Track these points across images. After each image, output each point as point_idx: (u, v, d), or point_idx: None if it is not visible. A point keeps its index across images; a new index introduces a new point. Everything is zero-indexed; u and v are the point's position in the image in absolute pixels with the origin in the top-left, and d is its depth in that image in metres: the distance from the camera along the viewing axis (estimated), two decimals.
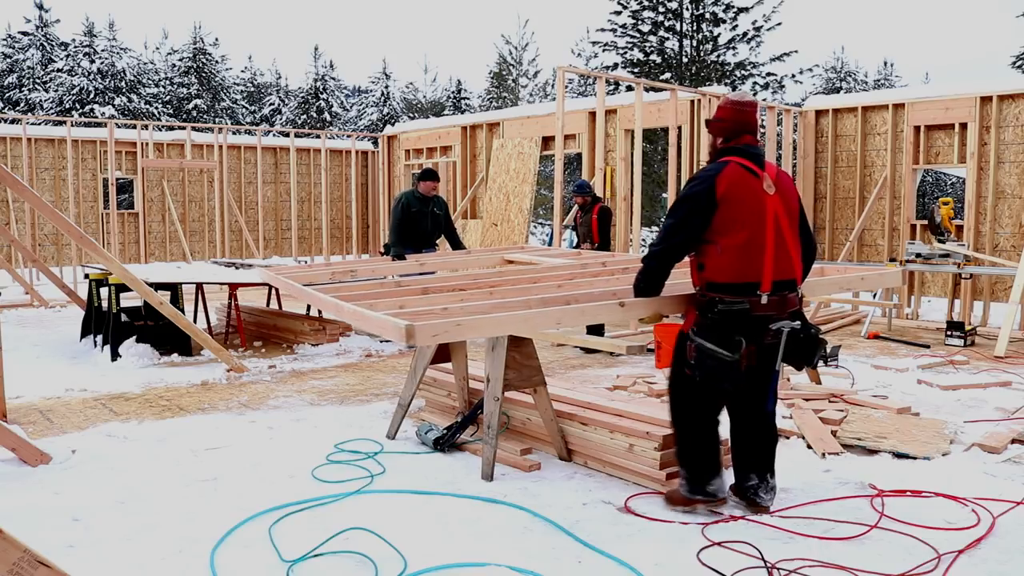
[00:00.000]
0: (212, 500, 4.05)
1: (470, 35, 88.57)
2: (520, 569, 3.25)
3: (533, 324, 3.85)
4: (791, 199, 3.71)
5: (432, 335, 3.48)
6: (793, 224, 3.68)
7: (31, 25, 36.74)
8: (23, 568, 2.32)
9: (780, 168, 3.77)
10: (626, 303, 3.89)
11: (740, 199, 3.55)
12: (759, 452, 3.81)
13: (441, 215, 8.47)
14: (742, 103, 3.75)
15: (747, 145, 3.68)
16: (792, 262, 3.64)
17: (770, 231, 3.57)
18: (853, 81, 46.21)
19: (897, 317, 10.18)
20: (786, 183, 3.71)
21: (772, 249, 3.57)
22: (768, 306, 3.56)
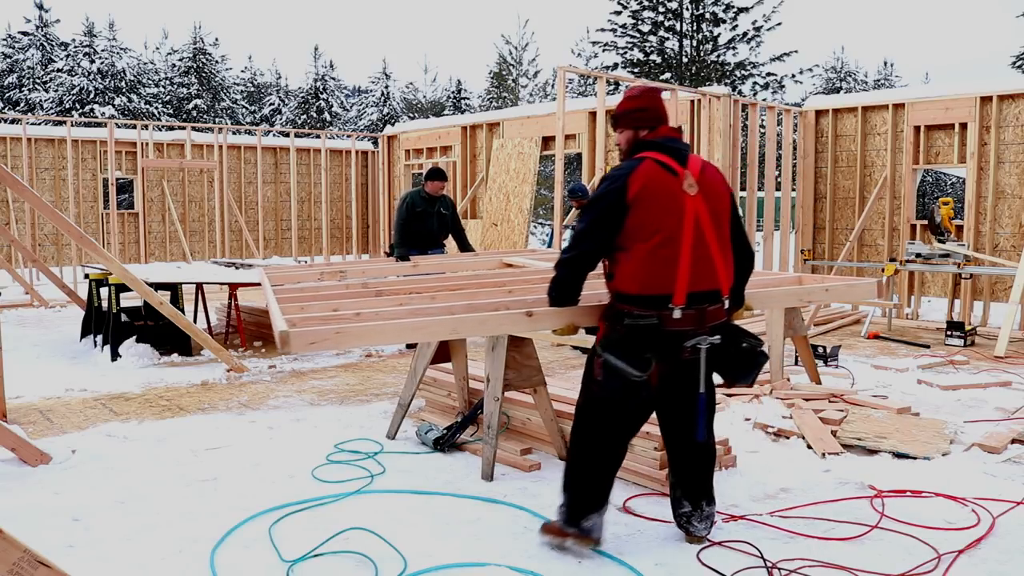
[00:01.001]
0: (212, 500, 4.05)
1: (470, 35, 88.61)
2: (520, 569, 3.25)
3: (423, 333, 3.62)
4: (718, 199, 3.27)
5: (309, 342, 3.27)
6: (720, 228, 3.25)
7: (31, 25, 36.76)
8: (23, 568, 2.33)
9: (708, 163, 3.36)
10: (535, 313, 3.55)
11: (654, 200, 3.15)
12: (691, 479, 3.48)
13: (448, 215, 8.38)
14: (655, 89, 3.41)
15: (667, 138, 3.29)
16: (715, 271, 3.23)
17: (687, 236, 3.16)
18: (853, 81, 46.23)
19: (897, 317, 10.18)
20: (713, 181, 3.28)
21: (689, 257, 3.16)
22: (682, 321, 3.16)
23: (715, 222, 3.24)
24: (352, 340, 3.39)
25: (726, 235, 3.30)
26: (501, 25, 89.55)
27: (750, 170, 10.83)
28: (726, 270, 3.30)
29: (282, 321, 3.52)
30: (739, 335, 3.35)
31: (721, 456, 4.39)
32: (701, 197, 3.20)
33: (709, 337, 3.22)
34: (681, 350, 3.21)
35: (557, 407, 4.65)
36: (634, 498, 4.01)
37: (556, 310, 3.52)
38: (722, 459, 4.40)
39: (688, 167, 3.23)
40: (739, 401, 5.76)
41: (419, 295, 4.63)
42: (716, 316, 3.26)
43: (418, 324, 3.56)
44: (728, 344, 3.30)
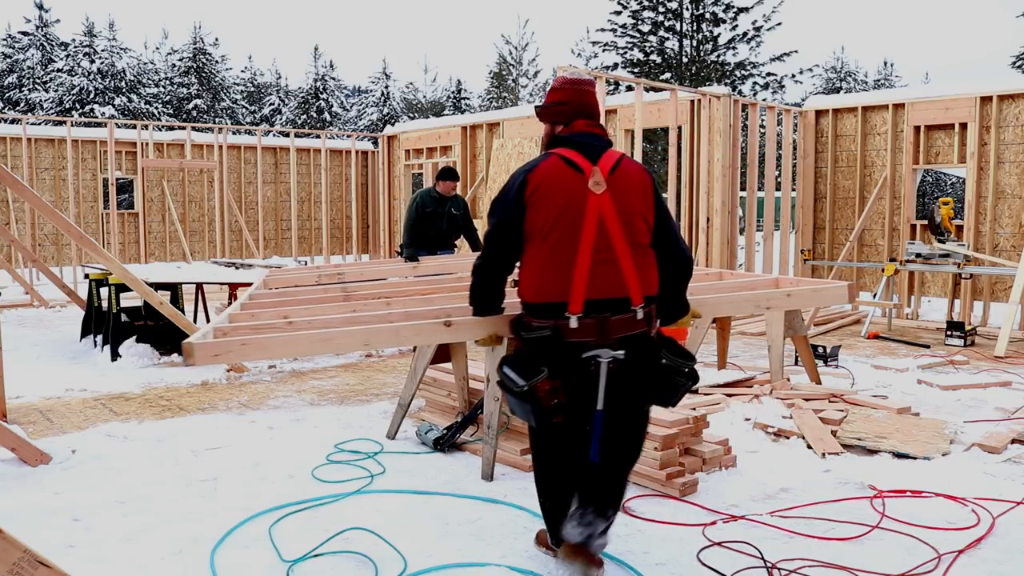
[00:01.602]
0: (212, 500, 4.05)
1: (470, 35, 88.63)
2: (520, 569, 3.25)
3: (331, 345, 3.45)
4: (631, 198, 2.96)
5: (213, 354, 3.13)
6: (632, 229, 2.94)
7: (31, 25, 36.79)
8: (23, 568, 2.33)
9: (629, 160, 3.06)
10: (454, 323, 3.36)
11: (551, 199, 2.91)
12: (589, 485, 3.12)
13: (459, 215, 8.30)
14: (580, 81, 3.16)
15: (580, 133, 3.06)
16: (623, 276, 2.91)
17: (586, 238, 2.88)
18: (853, 81, 46.26)
19: (897, 317, 10.18)
20: (627, 179, 2.98)
21: (588, 260, 2.88)
22: (581, 331, 2.88)
23: (625, 223, 2.93)
24: (257, 352, 3.24)
25: (642, 238, 2.98)
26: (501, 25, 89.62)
27: (750, 170, 10.83)
28: (639, 276, 2.95)
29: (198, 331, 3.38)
30: (658, 350, 3.02)
31: (721, 456, 4.40)
32: (609, 196, 2.92)
33: (612, 351, 2.90)
34: (584, 363, 2.91)
35: None
36: (634, 498, 4.01)
37: (476, 320, 3.28)
38: (722, 459, 4.40)
39: (599, 164, 2.97)
40: (739, 401, 5.77)
41: (373, 301, 4.43)
42: (623, 327, 2.91)
43: (326, 336, 3.38)
44: (641, 360, 2.97)
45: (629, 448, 3.19)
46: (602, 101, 9.15)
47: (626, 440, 3.15)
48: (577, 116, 3.10)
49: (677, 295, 3.19)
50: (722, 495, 4.05)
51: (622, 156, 3.04)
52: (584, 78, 3.19)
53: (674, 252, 3.12)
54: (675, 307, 3.21)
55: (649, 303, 2.99)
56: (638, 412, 3.15)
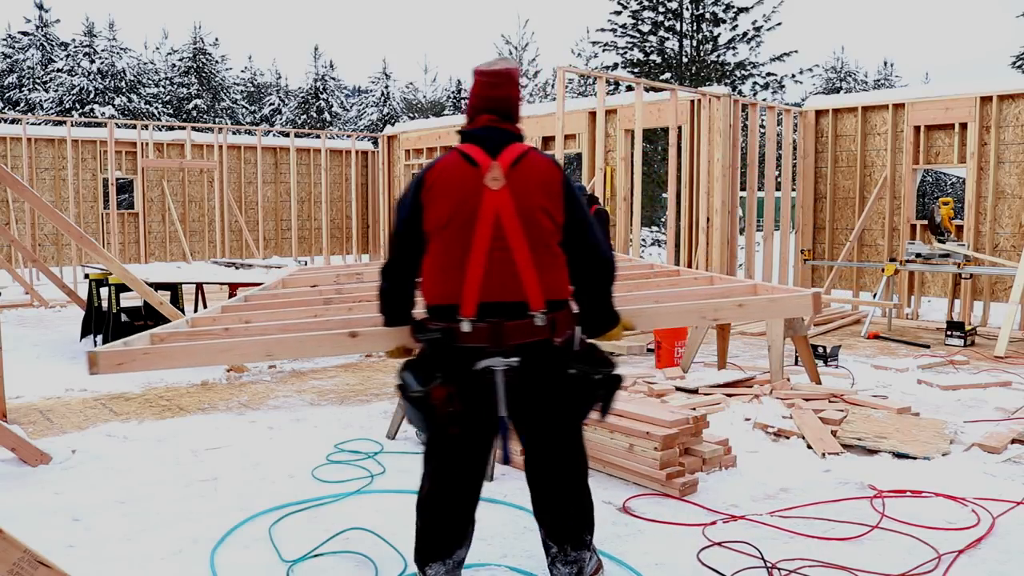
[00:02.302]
0: (212, 500, 4.04)
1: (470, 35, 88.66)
2: (520, 569, 3.25)
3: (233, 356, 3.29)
4: (533, 195, 2.74)
5: (116, 363, 3.04)
6: (533, 228, 2.73)
7: (31, 25, 36.77)
8: (23, 568, 2.33)
9: (535, 154, 2.83)
10: (360, 333, 3.18)
11: (445, 196, 2.75)
12: (549, 518, 2.97)
13: None
14: (491, 72, 2.90)
15: (481, 127, 2.86)
16: (520, 279, 2.70)
17: (481, 237, 2.70)
18: (853, 81, 46.26)
19: (897, 317, 10.18)
20: (530, 174, 2.77)
21: (482, 260, 2.69)
22: (474, 336, 2.68)
23: (525, 222, 2.72)
24: (162, 361, 3.12)
25: (546, 238, 2.76)
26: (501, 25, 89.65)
27: (750, 170, 10.83)
28: (539, 279, 2.72)
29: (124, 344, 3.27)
30: (564, 359, 2.78)
31: (721, 456, 4.40)
32: (508, 192, 2.72)
33: (505, 359, 2.69)
34: (479, 371, 2.71)
35: None
36: (634, 498, 4.01)
37: (383, 330, 3.06)
38: (722, 459, 4.40)
39: (499, 158, 2.76)
40: (739, 401, 5.77)
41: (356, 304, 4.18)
42: (519, 334, 2.69)
43: (226, 346, 3.27)
44: (544, 370, 2.76)
45: (565, 467, 2.94)
46: (601, 101, 9.15)
47: (557, 458, 2.92)
48: (482, 111, 2.89)
49: (598, 303, 2.93)
50: (722, 495, 4.05)
51: (529, 150, 2.82)
52: (495, 68, 2.91)
53: (588, 253, 2.85)
54: (599, 317, 2.95)
55: (554, 309, 2.74)
56: (559, 427, 2.89)
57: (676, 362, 7.12)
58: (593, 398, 2.82)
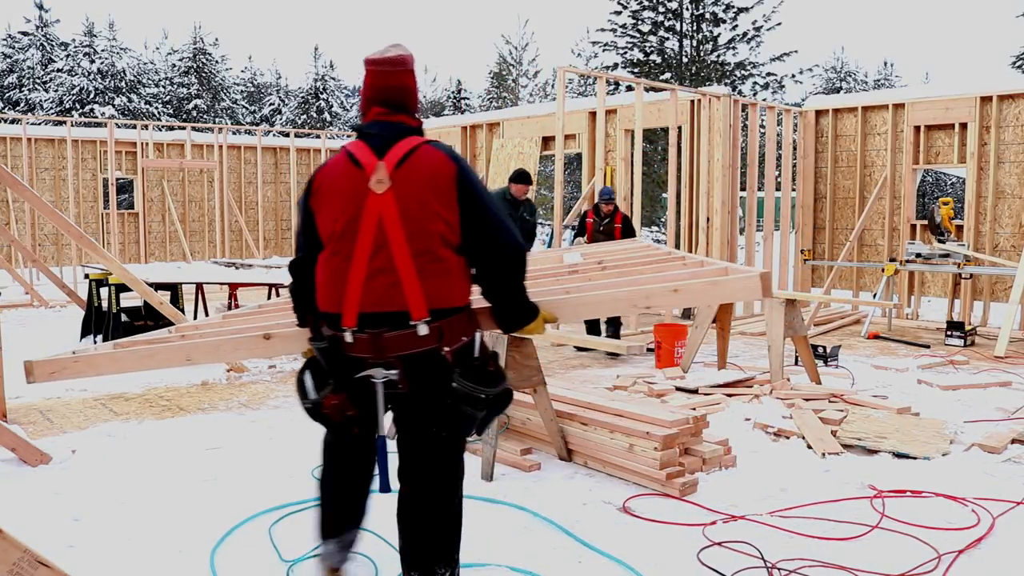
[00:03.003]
0: (212, 500, 4.04)
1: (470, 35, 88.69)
2: (520, 569, 3.25)
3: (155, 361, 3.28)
4: (421, 196, 2.57)
5: (49, 372, 3.11)
6: (420, 233, 2.57)
7: (31, 25, 36.78)
8: (23, 568, 2.33)
9: (425, 152, 2.63)
10: (274, 335, 3.15)
11: (330, 202, 2.64)
12: (404, 539, 2.85)
13: (532, 221, 7.95)
14: (381, 60, 2.71)
15: (371, 123, 2.70)
16: (401, 288, 2.56)
17: (362, 245, 2.57)
18: (853, 81, 46.27)
19: (897, 317, 10.18)
20: (416, 175, 2.59)
21: (363, 270, 2.57)
22: (357, 346, 2.60)
23: (410, 226, 2.56)
24: (89, 368, 3.16)
25: (435, 242, 2.59)
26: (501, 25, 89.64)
27: (750, 170, 10.83)
28: (423, 287, 2.57)
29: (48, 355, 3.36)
30: (449, 372, 2.63)
31: (721, 456, 4.40)
32: (392, 195, 2.56)
33: (385, 370, 2.60)
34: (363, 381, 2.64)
35: (557, 407, 4.65)
36: (634, 498, 4.01)
37: (296, 331, 3.00)
38: (722, 459, 4.41)
39: (385, 158, 2.61)
40: (739, 401, 5.77)
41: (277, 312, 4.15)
42: (401, 344, 2.58)
43: (149, 352, 3.28)
44: (428, 382, 2.64)
45: (428, 487, 2.76)
46: (602, 101, 9.15)
47: (423, 476, 2.76)
48: (373, 103, 2.71)
49: (507, 298, 2.77)
50: (722, 495, 4.04)
51: (419, 146, 2.63)
52: (386, 55, 2.72)
53: (488, 248, 2.66)
54: (511, 312, 2.81)
55: (440, 317, 2.59)
56: (434, 442, 2.73)
57: (676, 362, 7.12)
58: (474, 415, 2.64)
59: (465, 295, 2.71)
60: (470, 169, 2.69)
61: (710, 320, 6.90)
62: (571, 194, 27.63)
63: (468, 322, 2.70)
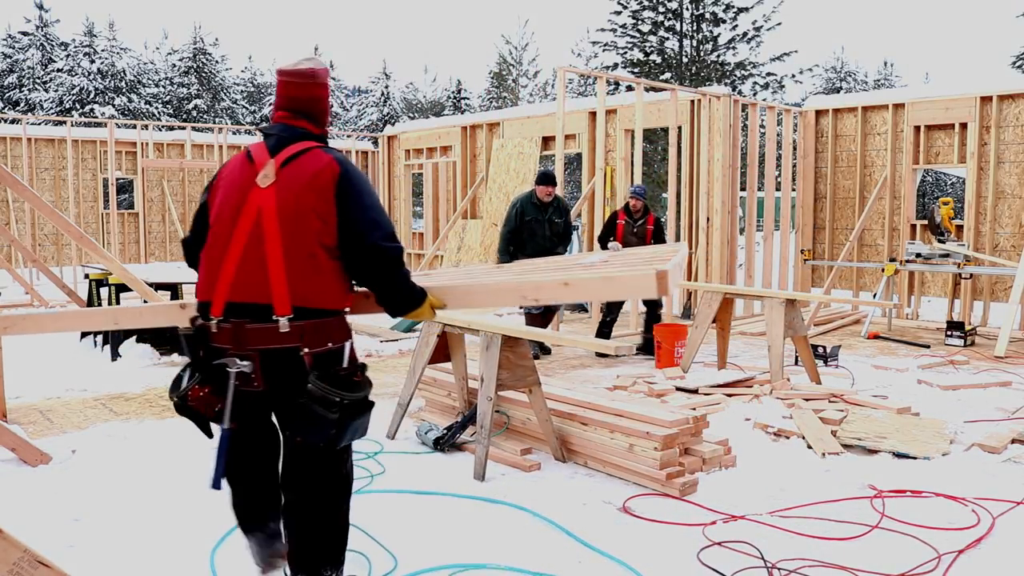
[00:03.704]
0: (212, 500, 4.04)
1: (470, 35, 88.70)
2: (520, 569, 3.25)
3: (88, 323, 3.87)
4: (301, 194, 2.63)
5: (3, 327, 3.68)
6: (297, 229, 2.62)
7: (31, 25, 36.79)
8: (23, 568, 2.33)
9: (319, 151, 2.73)
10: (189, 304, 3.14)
11: (220, 193, 2.75)
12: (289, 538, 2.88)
13: (560, 223, 7.70)
14: (291, 72, 2.82)
15: (273, 124, 2.84)
16: (268, 281, 2.59)
17: (239, 236, 2.63)
18: (853, 81, 46.25)
19: (897, 317, 10.18)
20: (302, 172, 2.66)
21: (236, 259, 2.63)
22: (220, 336, 2.63)
23: (286, 222, 2.62)
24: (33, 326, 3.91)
25: (312, 240, 2.63)
26: (501, 25, 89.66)
27: (750, 170, 10.83)
28: (290, 283, 2.60)
29: None
30: (306, 373, 2.61)
31: (721, 456, 4.40)
32: (273, 190, 2.64)
33: (240, 361, 2.60)
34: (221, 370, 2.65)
35: (557, 407, 4.65)
36: (634, 498, 4.01)
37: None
38: (722, 459, 4.40)
39: (277, 156, 2.71)
40: (739, 401, 5.77)
41: None
42: (261, 338, 2.59)
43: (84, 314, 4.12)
44: (285, 381, 2.63)
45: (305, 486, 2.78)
46: (602, 101, 9.15)
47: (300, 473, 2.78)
48: (279, 109, 2.84)
49: (385, 290, 2.78)
50: (722, 495, 4.04)
51: (309, 148, 2.72)
52: (297, 68, 2.83)
53: (360, 246, 2.68)
54: (393, 300, 2.81)
55: (305, 317, 2.60)
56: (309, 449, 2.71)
57: (676, 362, 7.12)
58: (325, 416, 2.59)
59: (339, 300, 2.72)
60: (356, 174, 2.73)
61: (710, 320, 6.90)
62: (571, 194, 27.64)
63: (337, 328, 2.71)
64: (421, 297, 2.83)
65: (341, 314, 2.75)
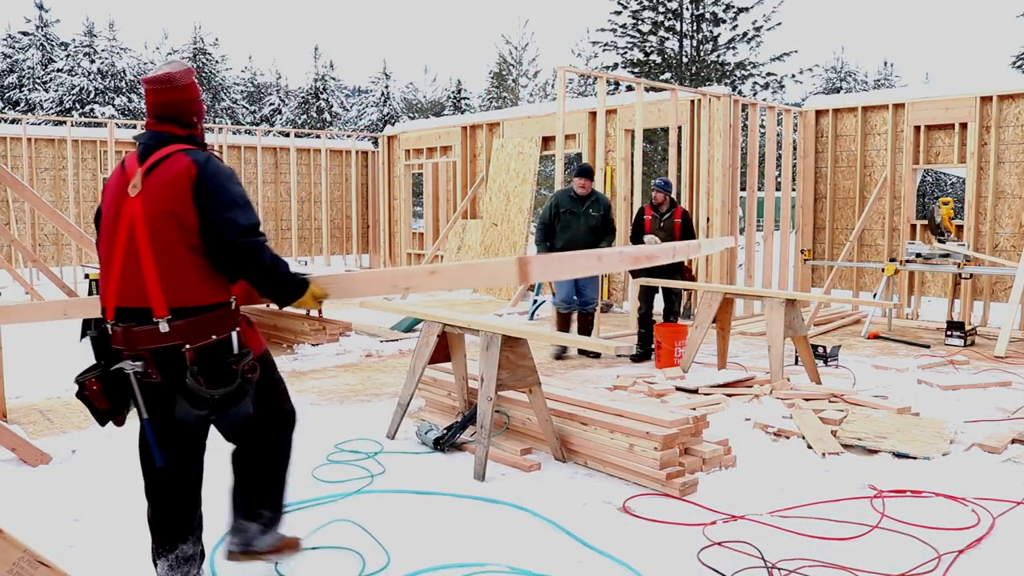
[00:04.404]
0: (212, 500, 4.04)
1: (470, 35, 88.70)
2: (520, 569, 3.25)
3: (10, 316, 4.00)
4: (164, 199, 2.73)
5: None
6: (163, 234, 2.73)
7: (31, 25, 36.79)
8: (23, 568, 2.33)
9: (180, 155, 2.79)
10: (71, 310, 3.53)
11: (104, 204, 2.91)
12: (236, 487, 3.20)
13: (597, 216, 7.61)
14: (151, 79, 2.91)
15: (142, 133, 2.94)
16: (145, 286, 2.74)
17: (119, 245, 2.78)
18: (853, 81, 46.25)
19: (897, 317, 10.18)
20: (163, 178, 2.76)
21: (118, 267, 2.78)
22: (116, 339, 2.82)
23: (154, 227, 2.73)
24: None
25: (178, 243, 2.74)
26: (501, 25, 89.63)
27: (750, 170, 10.83)
28: (163, 286, 2.73)
29: None
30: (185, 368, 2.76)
31: (721, 456, 4.40)
32: (140, 199, 2.76)
33: (133, 362, 2.78)
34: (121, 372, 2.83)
35: (557, 407, 4.65)
36: (634, 498, 4.01)
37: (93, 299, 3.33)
38: (722, 459, 4.41)
39: (143, 164, 2.81)
40: (739, 401, 5.77)
41: None
42: (147, 339, 2.75)
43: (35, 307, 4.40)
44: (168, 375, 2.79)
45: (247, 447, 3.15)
46: (602, 101, 9.15)
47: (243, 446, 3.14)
48: (148, 116, 2.95)
49: (261, 283, 2.88)
50: (722, 495, 4.05)
51: (172, 154, 2.80)
52: (156, 74, 2.90)
53: (221, 243, 2.76)
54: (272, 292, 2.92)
55: (183, 315, 2.74)
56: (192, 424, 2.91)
57: (676, 362, 7.12)
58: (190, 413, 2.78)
59: (214, 294, 2.83)
60: (213, 174, 2.79)
61: (710, 320, 6.91)
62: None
63: (220, 321, 2.82)
64: (302, 286, 2.94)
65: (223, 307, 2.85)
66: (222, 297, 2.85)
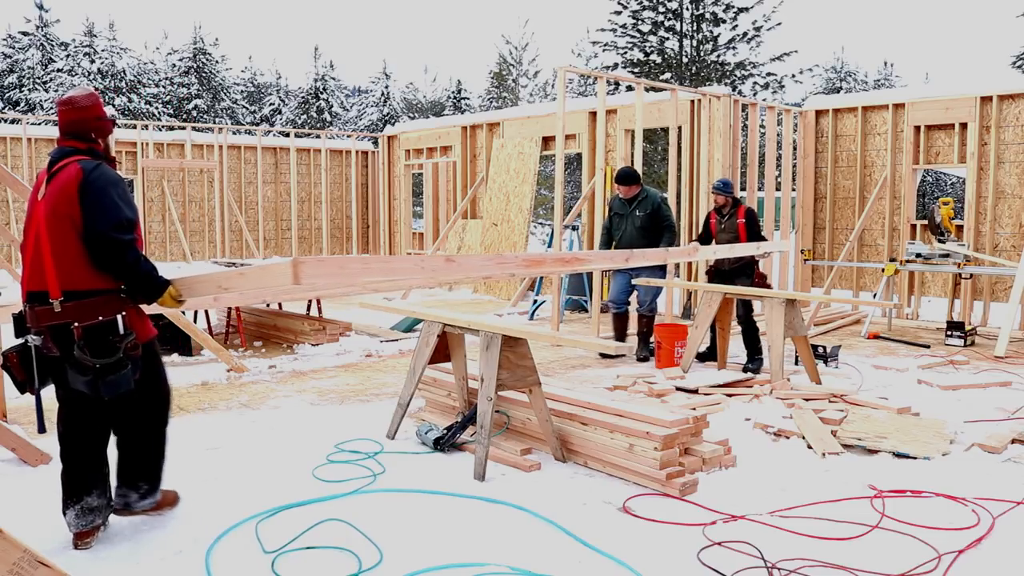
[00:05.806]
0: (212, 500, 4.04)
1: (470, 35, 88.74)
2: (520, 569, 3.25)
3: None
4: (59, 203, 3.32)
5: None
6: (59, 230, 3.31)
7: (31, 25, 36.77)
8: (23, 568, 2.33)
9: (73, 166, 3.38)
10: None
11: (28, 208, 3.54)
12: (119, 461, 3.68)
13: (644, 216, 7.62)
14: (61, 102, 3.51)
15: (54, 149, 3.53)
16: (44, 272, 3.34)
17: (29, 239, 3.42)
18: (853, 81, 46.22)
19: (897, 317, 10.18)
20: (58, 185, 3.35)
21: (29, 258, 3.40)
22: (27, 317, 3.39)
23: (52, 225, 3.33)
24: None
25: (70, 238, 3.32)
26: (501, 25, 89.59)
27: (750, 170, 10.83)
28: (58, 273, 3.31)
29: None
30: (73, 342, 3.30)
31: (721, 456, 4.40)
32: (44, 203, 3.37)
33: (34, 337, 3.36)
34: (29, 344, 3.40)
35: (557, 407, 4.66)
36: (634, 498, 4.01)
37: None
38: (722, 459, 4.41)
39: (49, 173, 3.43)
40: (739, 401, 5.77)
41: None
42: (45, 317, 3.32)
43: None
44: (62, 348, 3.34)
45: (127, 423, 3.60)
46: (602, 101, 9.15)
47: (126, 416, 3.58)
48: (59, 133, 3.50)
49: (124, 279, 3.40)
50: (722, 495, 4.05)
51: (66, 164, 3.38)
52: (65, 97, 3.50)
53: (89, 235, 3.30)
54: (133, 289, 3.42)
55: (73, 298, 3.30)
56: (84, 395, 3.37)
57: (676, 362, 7.13)
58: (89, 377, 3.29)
59: (101, 282, 3.36)
60: (98, 178, 3.34)
61: (710, 320, 6.91)
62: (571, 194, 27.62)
63: (106, 304, 3.37)
64: (161, 285, 3.46)
65: (109, 293, 3.38)
66: (109, 285, 3.38)
